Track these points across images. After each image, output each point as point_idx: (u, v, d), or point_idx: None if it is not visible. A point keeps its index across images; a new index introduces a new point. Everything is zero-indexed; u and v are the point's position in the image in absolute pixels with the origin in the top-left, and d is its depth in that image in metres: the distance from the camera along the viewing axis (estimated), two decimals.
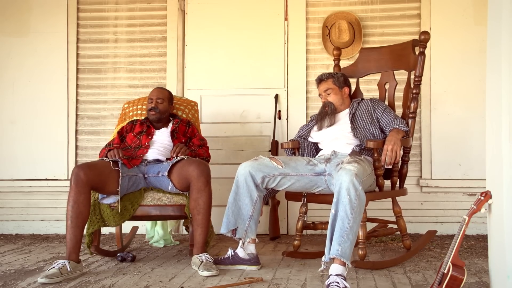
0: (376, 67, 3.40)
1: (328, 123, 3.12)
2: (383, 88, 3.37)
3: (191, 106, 3.76)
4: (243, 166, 2.88)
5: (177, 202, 3.03)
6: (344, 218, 2.44)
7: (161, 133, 3.30)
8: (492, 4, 2.21)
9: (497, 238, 2.14)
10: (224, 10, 4.21)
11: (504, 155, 2.02)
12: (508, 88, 2.01)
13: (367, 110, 3.10)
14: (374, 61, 3.40)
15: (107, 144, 3.33)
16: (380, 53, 3.39)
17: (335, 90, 3.17)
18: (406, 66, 3.23)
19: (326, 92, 3.17)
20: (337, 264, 2.40)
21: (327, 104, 3.15)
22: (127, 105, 3.78)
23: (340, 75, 3.23)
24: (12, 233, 4.25)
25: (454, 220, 3.94)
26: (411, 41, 3.21)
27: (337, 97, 3.17)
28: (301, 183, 2.90)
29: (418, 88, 3.12)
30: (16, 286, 2.54)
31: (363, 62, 3.44)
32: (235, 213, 2.86)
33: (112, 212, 2.94)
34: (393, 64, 3.32)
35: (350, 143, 3.02)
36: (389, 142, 2.86)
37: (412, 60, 3.17)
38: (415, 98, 3.13)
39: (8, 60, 4.30)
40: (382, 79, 3.38)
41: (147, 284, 2.56)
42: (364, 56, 3.45)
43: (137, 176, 3.05)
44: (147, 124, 3.34)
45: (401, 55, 3.26)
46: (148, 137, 3.25)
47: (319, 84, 3.23)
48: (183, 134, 3.33)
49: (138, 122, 3.37)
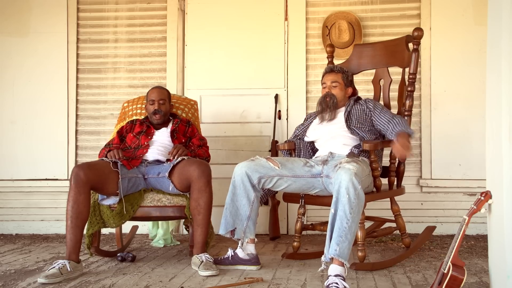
0: (370, 63, 3.35)
1: (329, 116, 3.09)
2: (378, 84, 3.33)
3: (190, 105, 3.75)
4: (239, 167, 2.87)
5: (177, 203, 3.02)
6: (343, 218, 2.44)
7: (161, 133, 3.28)
8: (492, 4, 2.21)
9: (497, 238, 2.14)
10: (224, 10, 4.21)
11: (504, 155, 2.02)
12: (508, 88, 2.01)
13: (362, 110, 3.06)
14: (368, 57, 3.35)
15: (106, 144, 3.32)
16: (374, 49, 3.35)
17: (341, 86, 3.15)
18: (400, 63, 3.19)
19: (333, 84, 3.13)
20: (336, 264, 2.40)
21: (329, 95, 3.11)
22: (126, 104, 3.77)
23: (350, 74, 3.22)
24: (12, 233, 4.25)
25: (454, 220, 3.94)
26: (405, 37, 3.17)
27: (341, 93, 3.14)
28: (297, 184, 2.89)
29: (412, 85, 3.10)
30: (16, 286, 2.54)
31: (356, 59, 3.39)
32: (233, 213, 2.86)
33: (112, 213, 2.94)
34: (387, 61, 3.27)
35: (346, 143, 2.99)
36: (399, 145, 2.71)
37: (406, 57, 3.14)
38: (410, 95, 3.11)
39: (8, 60, 4.30)
40: (376, 76, 3.34)
41: (147, 284, 2.56)
42: (358, 53, 3.39)
43: (136, 177, 3.04)
44: (147, 124, 3.32)
45: (395, 51, 3.22)
46: (147, 137, 3.23)
47: (327, 73, 3.18)
48: (183, 134, 3.32)
49: (138, 122, 3.35)
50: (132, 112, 3.68)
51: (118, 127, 3.58)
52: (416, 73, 3.10)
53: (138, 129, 3.29)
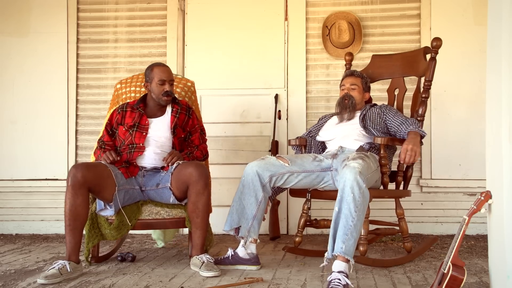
0: (387, 73, 3.47)
1: (348, 116, 3.14)
2: (393, 93, 3.43)
3: (187, 87, 3.51)
4: (250, 166, 2.89)
5: (175, 215, 2.96)
6: (348, 216, 2.45)
7: (157, 125, 3.07)
8: (492, 4, 2.21)
9: (497, 238, 2.14)
10: (224, 10, 4.21)
11: (504, 155, 2.02)
12: (508, 88, 2.01)
13: (377, 114, 3.13)
14: (385, 67, 3.47)
15: (99, 139, 3.15)
16: (391, 60, 3.46)
17: (360, 89, 3.21)
18: (416, 72, 3.30)
19: (351, 87, 3.20)
20: (340, 261, 2.41)
21: (347, 97, 3.17)
22: (119, 85, 3.48)
23: (368, 80, 3.31)
24: (12, 233, 4.25)
25: (454, 220, 3.94)
26: (423, 48, 3.28)
27: (359, 96, 3.21)
28: (308, 179, 2.92)
29: (427, 92, 3.18)
30: (16, 286, 2.54)
31: (374, 68, 3.50)
32: (239, 211, 2.87)
33: (109, 227, 2.89)
34: (403, 71, 3.38)
35: (358, 139, 3.04)
36: (409, 142, 2.81)
37: (422, 66, 3.23)
38: (424, 102, 3.18)
39: (8, 60, 4.30)
40: (392, 85, 3.45)
41: (147, 284, 2.56)
42: (376, 63, 3.51)
43: (133, 189, 2.96)
44: (140, 110, 3.08)
45: (412, 61, 3.32)
46: (142, 134, 3.01)
47: (348, 76, 3.26)
48: (182, 125, 3.12)
49: (128, 108, 3.11)
50: (126, 96, 3.40)
51: (110, 111, 3.32)
52: (432, 80, 3.16)
53: (129, 120, 3.05)
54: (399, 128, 2.99)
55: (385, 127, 3.09)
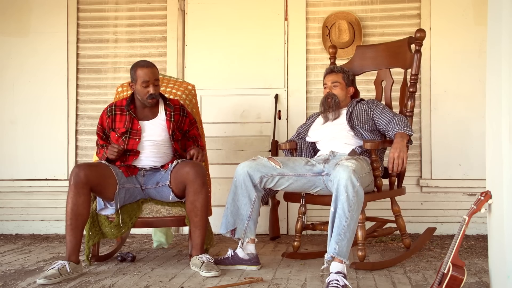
0: (373, 64, 3.38)
1: (333, 116, 3.11)
2: (380, 86, 3.35)
3: (188, 90, 3.50)
4: (241, 166, 2.87)
5: (176, 213, 2.98)
6: (341, 216, 2.45)
7: (151, 129, 3.02)
8: (492, 4, 2.21)
9: (497, 238, 2.14)
10: (224, 10, 4.21)
11: (504, 155, 2.02)
12: (508, 88, 2.01)
13: (364, 110, 3.07)
14: (370, 58, 3.37)
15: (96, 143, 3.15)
16: (376, 50, 3.37)
17: (342, 86, 3.17)
18: (402, 64, 3.21)
19: (333, 84, 3.15)
20: (337, 262, 2.41)
21: (330, 96, 3.13)
22: (121, 88, 3.49)
23: (351, 74, 3.24)
24: (12, 233, 4.25)
25: (454, 220, 3.94)
26: (407, 38, 3.19)
27: (342, 93, 3.16)
28: (299, 183, 2.89)
29: (414, 86, 3.11)
30: (16, 286, 2.54)
31: (359, 60, 3.41)
32: (234, 213, 2.86)
33: (110, 225, 2.90)
34: (389, 62, 3.29)
35: (348, 143, 3.01)
36: (395, 150, 2.75)
37: (408, 58, 3.15)
38: (411, 96, 3.11)
39: (8, 60, 4.30)
40: (378, 77, 3.37)
41: (147, 284, 2.56)
42: (360, 54, 3.42)
43: (134, 187, 2.97)
44: (130, 113, 3.01)
45: (397, 52, 3.24)
46: (135, 140, 2.98)
47: (328, 74, 3.21)
48: (178, 127, 3.08)
49: (117, 111, 3.04)
50: None
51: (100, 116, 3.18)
52: (418, 74, 3.11)
53: (121, 125, 3.00)
54: (387, 127, 2.95)
55: (373, 125, 3.04)
